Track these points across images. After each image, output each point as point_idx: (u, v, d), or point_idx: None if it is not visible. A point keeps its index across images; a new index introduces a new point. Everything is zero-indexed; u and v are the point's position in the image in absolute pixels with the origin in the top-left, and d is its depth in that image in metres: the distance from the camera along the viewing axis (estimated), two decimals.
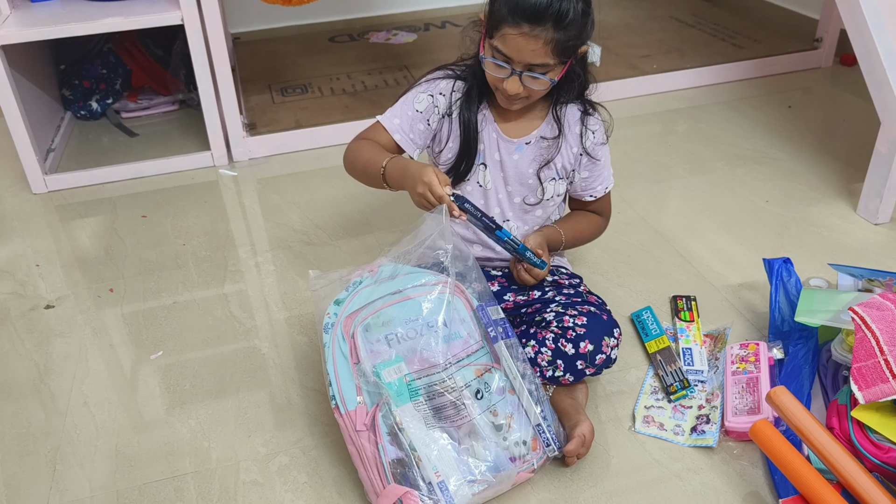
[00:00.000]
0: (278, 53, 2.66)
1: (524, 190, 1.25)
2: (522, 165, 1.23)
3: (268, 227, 1.77)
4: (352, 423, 1.04)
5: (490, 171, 1.24)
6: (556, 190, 1.27)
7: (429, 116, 1.22)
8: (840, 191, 1.78)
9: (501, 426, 1.07)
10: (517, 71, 1.10)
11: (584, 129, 1.24)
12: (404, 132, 1.23)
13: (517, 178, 1.24)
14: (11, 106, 1.84)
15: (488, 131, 1.23)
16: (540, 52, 1.08)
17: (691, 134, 2.10)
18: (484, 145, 1.23)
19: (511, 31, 1.07)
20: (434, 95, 1.22)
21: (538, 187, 1.25)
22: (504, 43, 1.09)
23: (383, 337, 1.09)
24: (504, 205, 1.26)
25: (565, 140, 1.23)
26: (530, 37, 1.06)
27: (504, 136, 1.23)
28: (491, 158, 1.23)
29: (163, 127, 2.27)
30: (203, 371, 1.34)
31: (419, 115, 1.22)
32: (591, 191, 1.30)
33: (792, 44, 2.51)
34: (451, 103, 1.22)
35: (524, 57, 1.09)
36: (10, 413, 1.27)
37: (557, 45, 1.07)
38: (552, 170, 1.25)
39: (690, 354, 1.29)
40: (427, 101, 1.22)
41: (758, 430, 1.01)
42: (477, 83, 1.21)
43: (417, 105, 1.22)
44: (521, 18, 1.05)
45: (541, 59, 1.08)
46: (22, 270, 1.65)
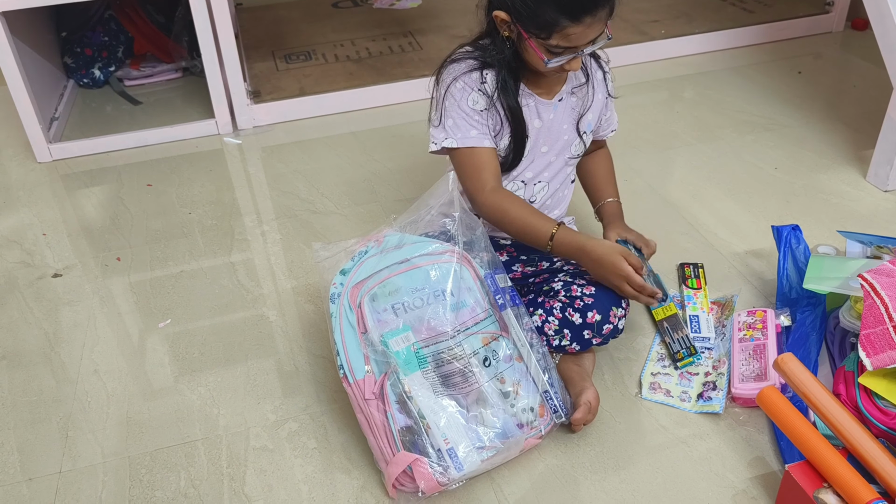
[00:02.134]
0: (281, 19, 2.63)
1: (559, 147, 1.24)
2: (557, 123, 1.22)
3: (273, 195, 1.76)
4: (360, 391, 1.05)
5: (530, 139, 1.22)
6: (585, 144, 1.28)
7: (489, 108, 1.17)
8: (850, 157, 1.77)
9: (509, 393, 1.08)
10: (582, 52, 1.10)
11: (604, 73, 1.27)
12: (489, 137, 1.17)
13: (552, 136, 1.23)
14: (14, 74, 1.82)
15: (527, 104, 1.21)
16: (600, 26, 1.08)
17: (699, 100, 2.08)
18: (525, 118, 1.21)
19: (575, 28, 1.05)
20: (480, 89, 1.16)
21: (574, 141, 1.25)
22: (568, 39, 1.07)
23: (390, 306, 1.09)
24: (538, 167, 1.24)
25: (591, 87, 1.24)
26: (595, 23, 1.06)
27: (541, 100, 1.21)
28: (532, 127, 1.22)
29: (166, 95, 2.26)
30: (211, 339, 1.35)
31: (486, 113, 1.17)
32: (611, 125, 1.33)
33: (802, 8, 2.47)
34: (490, 93, 1.16)
35: (590, 38, 1.08)
36: (21, 381, 1.28)
37: (611, 8, 1.08)
38: (585, 121, 1.25)
39: (697, 322, 1.29)
40: (482, 99, 1.16)
41: (764, 396, 1.01)
42: (507, 66, 1.16)
43: (477, 105, 1.16)
44: (583, 14, 1.04)
45: (601, 30, 1.09)
46: (29, 240, 1.65)
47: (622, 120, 1.29)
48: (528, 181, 1.25)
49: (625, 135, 1.86)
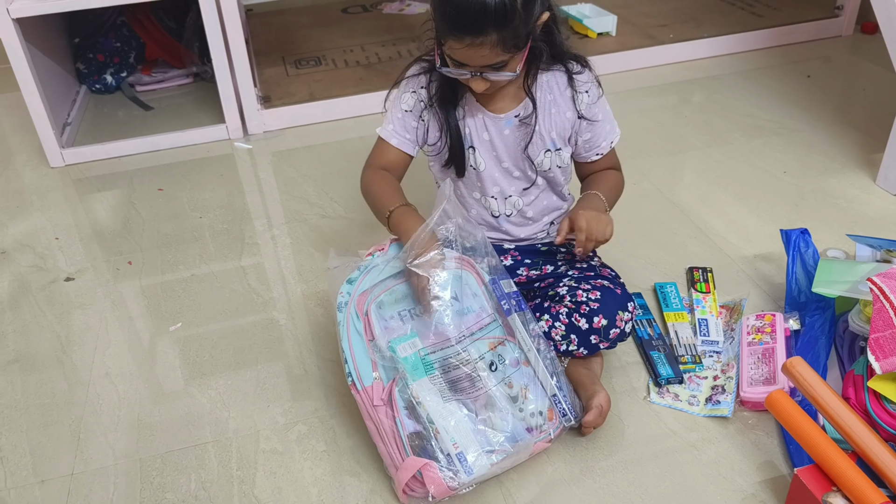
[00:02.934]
0: (291, 25, 2.65)
1: (520, 163, 1.22)
2: (513, 139, 1.20)
3: (283, 199, 1.78)
4: (369, 398, 1.05)
5: (480, 152, 1.21)
6: (554, 161, 1.22)
7: (420, 112, 1.20)
8: (859, 161, 1.76)
9: (517, 397, 1.08)
10: (476, 73, 1.07)
11: (574, 91, 1.18)
12: (400, 135, 1.22)
13: (510, 153, 1.21)
14: (28, 79, 1.84)
15: (472, 115, 1.19)
16: (489, 55, 1.03)
17: (708, 105, 2.08)
18: (469, 129, 1.20)
19: (456, 44, 1.03)
20: (416, 91, 1.19)
21: (536, 156, 1.21)
22: (453, 53, 1.05)
23: (396, 313, 1.10)
24: (502, 182, 1.23)
25: (556, 105, 1.19)
26: (475, 46, 1.02)
27: (490, 113, 1.19)
28: (479, 139, 1.20)
29: (177, 100, 2.28)
30: (222, 342, 1.36)
31: (409, 114, 1.21)
32: (596, 149, 1.23)
33: (812, 12, 2.47)
34: (430, 96, 1.19)
35: (476, 62, 1.05)
36: (34, 384, 1.29)
37: (506, 42, 1.03)
38: (542, 143, 1.20)
39: (706, 325, 1.29)
40: (412, 99, 1.20)
41: (773, 399, 1.01)
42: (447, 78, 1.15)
43: (404, 105, 1.20)
44: (462, 32, 1.01)
45: (493, 59, 1.04)
46: (42, 244, 1.67)
47: (630, 124, 1.28)
48: (498, 196, 1.24)
49: (633, 139, 1.87)
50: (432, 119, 1.21)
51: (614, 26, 2.39)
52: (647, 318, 1.32)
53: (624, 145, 1.28)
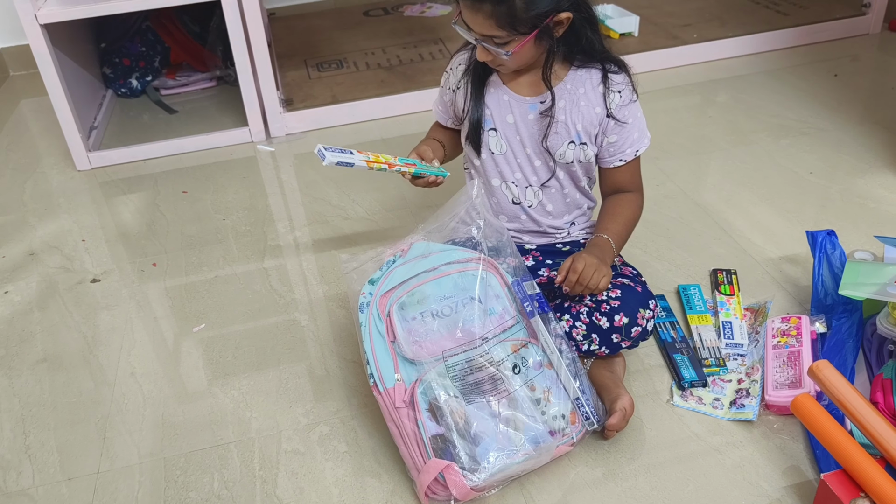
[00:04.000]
0: (313, 28, 2.66)
1: (542, 152, 1.21)
2: (537, 126, 1.20)
3: (305, 201, 1.79)
4: (391, 400, 1.06)
5: (502, 135, 1.22)
6: (577, 155, 1.20)
7: (446, 91, 1.30)
8: (888, 161, 1.73)
9: (540, 400, 1.07)
10: (478, 40, 1.11)
11: (607, 89, 1.17)
12: (437, 108, 1.35)
13: (533, 138, 1.21)
14: (55, 84, 1.87)
15: (498, 95, 1.21)
16: (485, 25, 1.07)
17: (732, 105, 2.06)
18: (492, 110, 1.21)
19: (461, 4, 1.09)
20: (448, 72, 1.29)
21: (558, 146, 1.20)
22: (461, 12, 1.10)
23: (419, 314, 1.10)
24: (526, 169, 1.23)
25: (586, 98, 1.18)
26: (472, 10, 1.07)
27: (516, 95, 1.20)
28: (502, 122, 1.21)
29: (202, 103, 2.30)
30: (244, 343, 1.37)
31: (443, 89, 1.31)
32: (620, 154, 1.21)
33: (838, 9, 2.43)
34: (458, 76, 1.26)
35: (476, 28, 1.09)
36: (61, 382, 1.31)
37: (502, 19, 1.05)
38: (567, 133, 1.19)
39: (730, 328, 1.27)
40: (444, 77, 1.30)
41: (799, 403, 0.99)
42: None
43: (442, 81, 1.32)
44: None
45: (488, 31, 1.08)
46: (69, 245, 1.69)
47: (654, 124, 1.26)
48: (519, 183, 1.25)
49: (657, 139, 1.84)
50: (458, 97, 1.27)
51: (637, 27, 2.37)
52: (670, 320, 1.31)
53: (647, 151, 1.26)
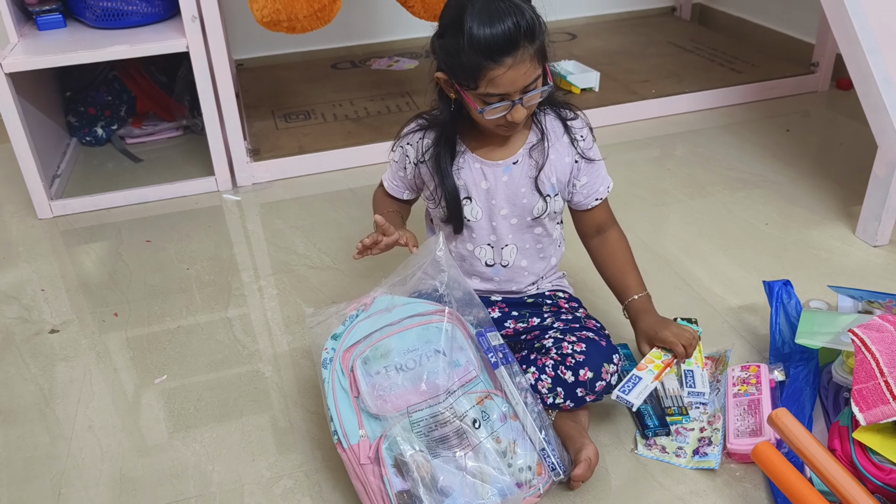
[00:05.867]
0: (281, 80, 2.69)
1: (519, 210, 1.24)
2: (513, 185, 1.22)
3: (271, 251, 1.78)
4: (355, 456, 1.05)
5: (477, 202, 1.23)
6: (552, 207, 1.24)
7: (404, 165, 1.27)
8: (839, 213, 1.80)
9: (506, 452, 1.07)
10: (517, 100, 1.10)
11: (571, 137, 1.22)
12: (391, 181, 1.32)
13: (510, 199, 1.23)
14: (19, 133, 1.86)
15: (468, 166, 1.22)
16: (530, 70, 1.08)
17: (690, 158, 2.12)
18: (465, 180, 1.22)
19: (497, 71, 1.06)
20: (404, 147, 1.27)
21: (536, 202, 1.23)
22: (495, 85, 1.08)
23: (383, 368, 1.09)
24: (501, 230, 1.25)
25: (555, 150, 1.22)
26: (517, 65, 1.06)
27: (488, 161, 1.22)
28: (476, 189, 1.22)
29: (167, 152, 2.30)
30: (207, 395, 1.35)
31: (396, 165, 1.30)
32: (595, 194, 1.26)
33: (789, 68, 2.54)
34: (420, 152, 1.24)
35: (518, 85, 1.08)
36: (15, 437, 1.28)
37: (538, 54, 1.09)
38: (547, 183, 1.22)
39: (692, 376, 1.29)
40: (399, 153, 1.28)
41: (760, 451, 1.01)
42: (446, 129, 1.21)
43: (394, 157, 1.30)
44: (501, 55, 1.05)
45: (532, 76, 1.09)
46: (27, 295, 1.66)
47: (614, 177, 1.29)
48: (495, 244, 1.26)
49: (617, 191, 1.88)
50: (427, 174, 1.24)
51: (597, 82, 2.45)
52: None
53: (609, 198, 1.30)
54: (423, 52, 2.87)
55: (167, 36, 1.94)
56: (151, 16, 2.03)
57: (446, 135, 1.21)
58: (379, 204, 1.35)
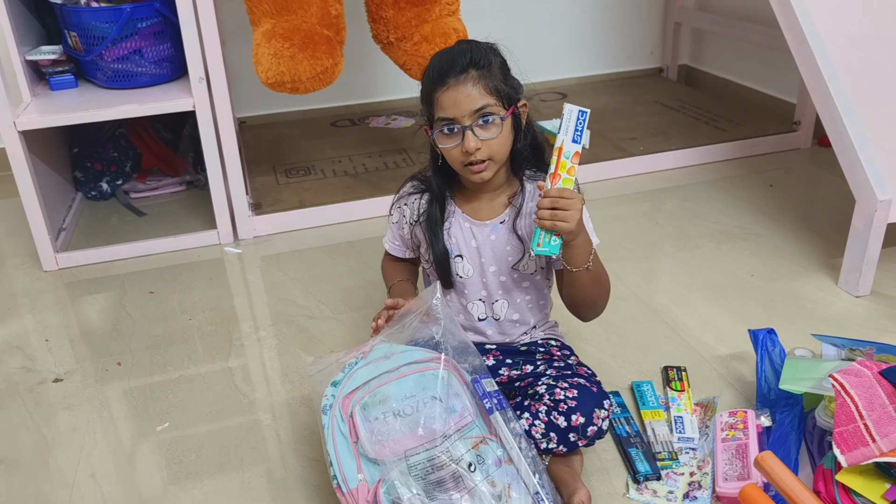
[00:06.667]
0: (282, 137, 2.78)
1: (507, 267, 1.29)
2: (500, 243, 1.28)
3: (271, 302, 1.83)
4: (354, 500, 1.07)
5: (468, 259, 1.28)
6: (537, 264, 1.29)
7: (402, 225, 1.35)
8: (822, 265, 1.86)
9: (500, 496, 1.10)
10: (467, 126, 1.16)
11: None
12: (392, 242, 1.39)
13: (497, 257, 1.28)
14: (28, 188, 1.92)
15: (459, 225, 1.28)
16: (474, 93, 1.15)
17: (678, 212, 2.19)
18: (455, 239, 1.28)
19: (441, 90, 1.16)
20: (402, 208, 1.34)
21: (519, 255, 1.27)
22: (441, 107, 1.17)
23: (381, 414, 1.13)
24: (491, 287, 1.30)
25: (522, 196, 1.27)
26: (459, 85, 1.15)
27: (476, 221, 1.28)
28: (467, 247, 1.28)
29: (170, 207, 2.36)
30: (208, 443, 1.38)
31: (395, 226, 1.37)
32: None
33: (772, 126, 2.64)
34: (416, 213, 1.31)
35: (463, 106, 1.15)
36: (18, 486, 1.30)
37: (488, 84, 1.15)
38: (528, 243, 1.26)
39: (682, 422, 1.33)
40: (397, 214, 1.35)
41: (747, 494, 1.04)
42: (435, 188, 1.28)
43: (392, 219, 1.37)
44: (446, 76, 1.15)
45: (479, 101, 1.15)
46: (31, 345, 1.69)
47: (604, 230, 1.35)
48: (486, 300, 1.31)
49: (607, 244, 1.95)
50: (417, 233, 1.31)
51: (587, 140, 2.53)
52: (624, 415, 1.36)
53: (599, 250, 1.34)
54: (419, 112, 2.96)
55: (175, 95, 2.02)
56: (160, 77, 2.12)
57: (436, 194, 1.28)
58: (389, 274, 1.40)
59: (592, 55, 3.28)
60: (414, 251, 1.37)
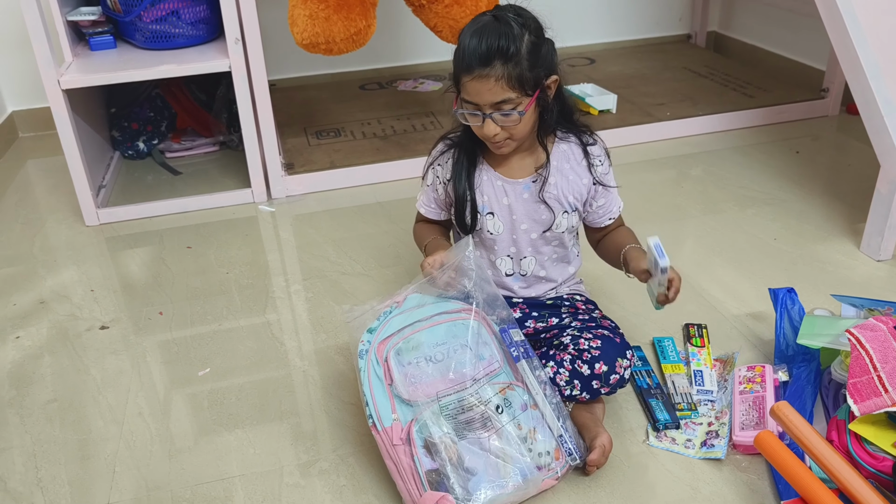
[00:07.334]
0: (312, 99, 2.82)
1: (538, 225, 1.34)
2: (533, 202, 1.32)
3: (304, 258, 1.89)
4: (388, 438, 1.14)
5: (499, 217, 1.33)
6: (569, 223, 1.34)
7: (437, 186, 1.37)
8: (845, 230, 1.88)
9: (526, 438, 1.16)
10: (487, 114, 1.20)
11: (589, 163, 1.32)
12: (426, 205, 1.41)
13: (529, 215, 1.33)
14: (72, 145, 1.99)
15: (491, 182, 1.32)
16: (496, 88, 1.17)
17: (703, 177, 2.22)
18: (487, 197, 1.32)
19: (466, 77, 1.18)
20: (434, 168, 1.37)
21: (553, 218, 1.32)
22: (466, 91, 1.20)
23: (414, 359, 1.20)
24: (521, 243, 1.35)
25: (573, 172, 1.32)
26: (483, 77, 1.16)
27: (508, 179, 1.32)
28: (499, 205, 1.32)
29: (204, 166, 2.43)
30: (248, 386, 1.45)
31: (430, 188, 1.39)
32: (609, 214, 1.37)
33: (800, 93, 2.64)
34: (449, 169, 1.34)
35: (485, 97, 1.18)
36: (72, 421, 1.38)
37: (511, 79, 1.16)
38: (560, 205, 1.32)
39: (701, 376, 1.38)
40: (431, 175, 1.37)
41: (762, 440, 1.09)
42: (465, 147, 1.32)
43: (427, 180, 1.39)
44: (472, 64, 1.17)
45: (500, 95, 1.17)
46: (78, 295, 1.78)
47: (631, 194, 1.39)
48: (514, 256, 1.36)
49: (633, 207, 1.98)
50: (450, 190, 1.34)
51: (615, 104, 2.55)
52: (646, 369, 1.41)
53: (625, 213, 1.40)
54: (447, 75, 2.99)
55: (211, 57, 2.07)
56: (196, 38, 2.17)
57: (467, 148, 1.32)
58: (422, 234, 1.41)
59: (621, 21, 3.28)
60: (448, 211, 1.40)
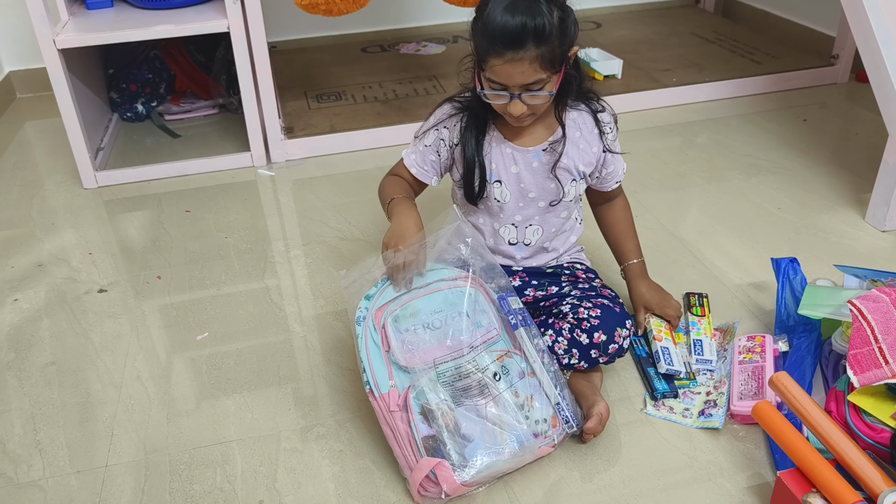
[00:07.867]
0: (313, 62, 2.78)
1: (546, 194, 1.32)
2: (542, 171, 1.30)
3: (304, 223, 1.88)
4: (385, 404, 1.14)
5: (507, 185, 1.30)
6: (576, 191, 1.34)
7: (437, 149, 1.32)
8: (850, 200, 1.86)
9: (523, 405, 1.16)
10: (515, 94, 1.16)
11: (600, 130, 1.31)
12: (419, 165, 1.34)
13: (538, 183, 1.31)
14: (68, 107, 1.97)
15: (500, 150, 1.29)
16: (529, 71, 1.12)
17: (708, 144, 2.19)
18: (495, 164, 1.29)
19: (497, 61, 1.12)
20: (439, 129, 1.31)
21: (562, 188, 1.31)
22: (494, 73, 1.14)
23: (412, 326, 1.19)
24: (527, 212, 1.33)
25: (584, 140, 1.30)
26: (515, 61, 1.11)
27: (519, 147, 1.29)
28: (507, 173, 1.30)
29: (203, 129, 2.40)
30: (246, 351, 1.45)
31: (428, 149, 1.32)
32: (615, 178, 1.36)
33: (809, 60, 2.59)
34: (457, 135, 1.29)
35: (516, 80, 1.14)
36: (70, 384, 1.38)
37: (544, 60, 1.12)
38: (569, 174, 1.31)
39: (701, 345, 1.37)
40: (433, 136, 1.31)
41: (760, 409, 1.09)
42: (475, 112, 1.28)
43: (426, 141, 1.32)
44: (502, 47, 1.10)
45: (532, 77, 1.13)
46: (76, 258, 1.77)
47: (635, 162, 1.38)
48: (519, 224, 1.34)
49: (637, 174, 1.97)
50: (455, 155, 1.31)
51: (620, 70, 2.51)
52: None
53: (628, 180, 1.39)
54: (451, 38, 2.95)
55: (209, 17, 2.03)
56: None
57: (476, 114, 1.29)
58: (391, 189, 1.33)
59: None
60: (440, 177, 1.37)
